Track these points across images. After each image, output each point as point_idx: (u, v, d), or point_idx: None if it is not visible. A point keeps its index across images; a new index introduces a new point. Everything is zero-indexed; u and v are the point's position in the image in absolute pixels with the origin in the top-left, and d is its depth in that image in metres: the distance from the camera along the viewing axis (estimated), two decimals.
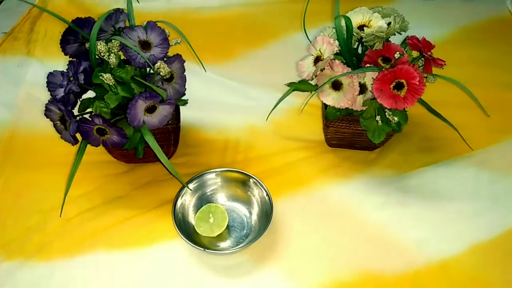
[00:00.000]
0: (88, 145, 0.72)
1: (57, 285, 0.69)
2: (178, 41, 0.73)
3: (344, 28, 0.74)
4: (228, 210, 0.77)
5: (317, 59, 0.76)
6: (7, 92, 0.99)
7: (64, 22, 0.72)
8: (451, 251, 0.72)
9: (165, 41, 0.71)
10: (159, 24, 0.71)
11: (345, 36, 0.74)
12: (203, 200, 0.78)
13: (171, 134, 0.81)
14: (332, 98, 0.75)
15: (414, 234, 0.74)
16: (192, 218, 0.76)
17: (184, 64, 0.77)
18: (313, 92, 0.77)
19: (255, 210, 0.77)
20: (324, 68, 0.74)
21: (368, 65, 0.73)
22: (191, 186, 0.77)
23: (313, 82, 0.79)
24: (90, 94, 0.73)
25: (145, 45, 0.70)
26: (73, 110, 0.71)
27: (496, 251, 0.72)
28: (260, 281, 0.70)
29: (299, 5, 1.12)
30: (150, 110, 0.70)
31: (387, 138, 0.80)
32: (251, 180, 0.77)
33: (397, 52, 0.71)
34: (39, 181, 0.83)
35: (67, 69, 0.70)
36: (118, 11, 0.73)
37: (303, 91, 0.80)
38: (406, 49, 0.75)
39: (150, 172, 0.84)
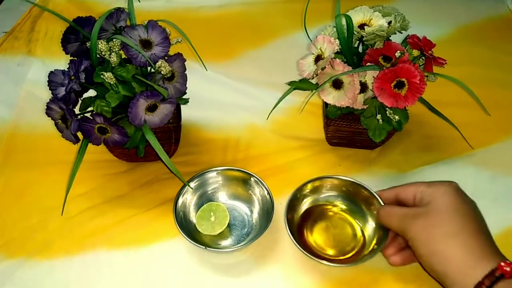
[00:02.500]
0: (89, 144, 0.72)
1: (58, 284, 0.69)
2: (179, 40, 0.74)
3: (345, 27, 0.74)
4: (229, 209, 0.77)
5: (318, 58, 0.76)
6: (8, 91, 0.99)
7: (65, 21, 0.72)
8: None
9: (166, 40, 0.71)
10: (160, 23, 0.71)
11: (346, 35, 0.74)
12: (204, 199, 0.78)
13: (172, 132, 0.81)
14: (332, 97, 0.75)
15: None
16: (193, 217, 0.76)
17: (185, 63, 0.77)
18: (313, 91, 0.77)
19: (256, 208, 0.77)
20: (324, 67, 0.74)
21: (368, 64, 0.73)
22: (192, 184, 0.77)
23: (313, 81, 0.79)
24: (91, 93, 0.73)
25: (146, 44, 0.70)
26: (74, 109, 0.71)
27: None
28: (261, 279, 0.70)
29: (299, 4, 1.12)
30: (151, 109, 0.70)
31: (387, 136, 0.80)
32: (252, 178, 0.77)
33: (398, 51, 0.71)
34: (40, 180, 0.83)
35: (68, 68, 0.70)
36: (119, 10, 0.73)
37: (304, 90, 0.80)
38: (406, 48, 0.75)
39: (151, 171, 0.84)
